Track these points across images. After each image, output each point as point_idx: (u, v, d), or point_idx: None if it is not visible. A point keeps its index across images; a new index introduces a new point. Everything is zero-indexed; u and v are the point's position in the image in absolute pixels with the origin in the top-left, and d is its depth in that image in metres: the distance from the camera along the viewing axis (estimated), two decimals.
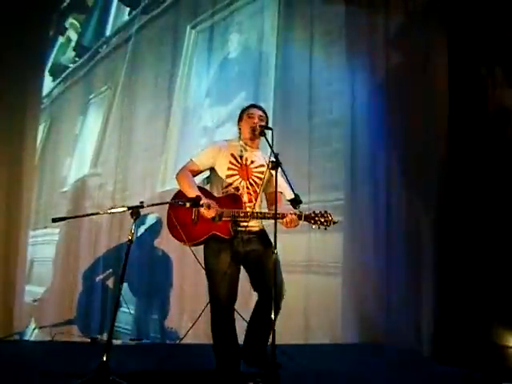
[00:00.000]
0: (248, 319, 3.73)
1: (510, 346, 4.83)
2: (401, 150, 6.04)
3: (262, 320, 3.47)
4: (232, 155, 3.76)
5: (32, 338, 5.55)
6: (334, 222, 3.53)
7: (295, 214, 3.48)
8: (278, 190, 3.41)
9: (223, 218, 3.55)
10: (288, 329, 4.70)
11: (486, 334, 4.96)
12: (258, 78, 6.32)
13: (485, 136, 5.40)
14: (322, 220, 3.49)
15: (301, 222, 3.52)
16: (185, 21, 6.46)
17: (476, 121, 5.50)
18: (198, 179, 3.86)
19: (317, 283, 5.92)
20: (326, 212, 3.53)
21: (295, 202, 3.38)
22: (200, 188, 3.71)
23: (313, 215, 3.52)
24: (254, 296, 3.68)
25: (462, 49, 5.72)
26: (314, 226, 3.50)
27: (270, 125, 3.81)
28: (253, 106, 3.98)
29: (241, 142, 3.85)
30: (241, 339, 3.70)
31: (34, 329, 5.60)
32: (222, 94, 6.34)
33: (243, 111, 3.94)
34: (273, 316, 3.04)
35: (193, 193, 3.57)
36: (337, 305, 5.90)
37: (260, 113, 3.88)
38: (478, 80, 5.60)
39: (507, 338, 4.88)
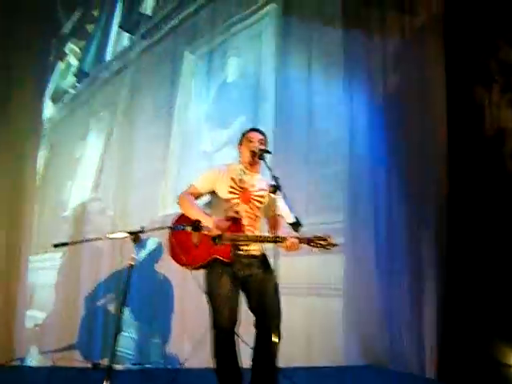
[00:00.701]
0: (249, 343, 3.72)
1: None
2: (400, 169, 6.05)
3: (265, 348, 3.44)
4: (232, 179, 3.76)
5: (33, 364, 5.52)
6: (335, 245, 3.49)
7: (296, 238, 3.48)
8: (279, 213, 3.43)
9: (224, 242, 3.57)
10: (290, 352, 4.69)
11: (491, 353, 4.94)
12: (257, 102, 6.37)
13: (482, 153, 5.43)
14: (323, 243, 3.47)
15: (301, 245, 3.51)
16: (183, 46, 6.53)
17: (474, 138, 5.53)
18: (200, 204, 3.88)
19: (318, 305, 5.91)
20: (326, 235, 3.51)
21: (296, 225, 3.38)
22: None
23: (313, 238, 3.49)
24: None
25: (459, 68, 5.76)
26: (314, 250, 3.49)
27: (270, 148, 3.84)
28: (253, 129, 4.00)
29: (241, 166, 3.86)
30: (243, 362, 3.69)
31: (36, 354, 5.58)
32: (221, 118, 6.38)
33: (243, 135, 3.96)
34: (275, 339, 3.02)
35: (194, 214, 3.59)
36: (339, 327, 5.88)
37: (260, 136, 3.89)
38: (476, 99, 5.64)
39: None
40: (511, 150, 5.27)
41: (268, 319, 3.40)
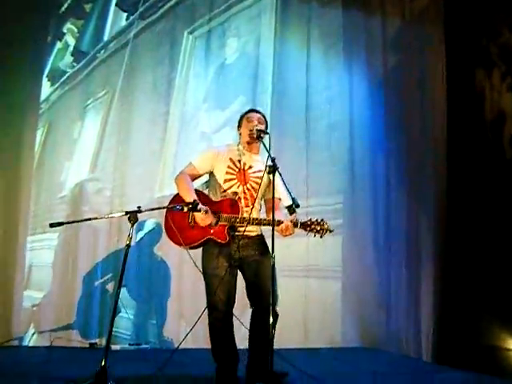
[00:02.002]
0: (246, 324, 3.73)
1: (510, 348, 4.84)
2: (399, 152, 6.06)
3: (261, 329, 3.44)
4: (231, 160, 3.77)
5: (31, 344, 5.52)
6: (330, 231, 3.48)
7: (291, 221, 3.46)
8: (277, 196, 3.42)
9: (220, 223, 3.56)
10: (287, 333, 4.70)
11: (487, 336, 4.96)
12: (255, 83, 6.35)
13: (482, 138, 5.42)
14: (318, 228, 3.45)
15: (296, 229, 3.49)
16: (182, 26, 6.47)
17: (474, 122, 5.52)
18: (197, 184, 3.87)
19: (316, 287, 5.94)
20: (322, 220, 3.49)
21: (292, 208, 3.36)
22: (198, 192, 3.72)
23: (309, 223, 3.48)
24: None
25: (460, 52, 5.74)
26: (309, 234, 3.48)
27: (268, 130, 3.82)
28: (252, 110, 4.02)
29: (240, 147, 3.87)
30: (239, 343, 3.70)
31: (33, 334, 5.58)
32: (219, 98, 6.36)
33: (242, 116, 3.97)
34: (271, 319, 3.02)
35: (190, 196, 3.58)
36: (336, 308, 5.92)
37: (259, 115, 3.91)
38: (476, 83, 5.62)
39: (508, 341, 4.88)
40: (511, 135, 5.26)
41: (263, 300, 3.42)
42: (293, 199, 3.29)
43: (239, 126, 3.96)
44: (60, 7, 6.55)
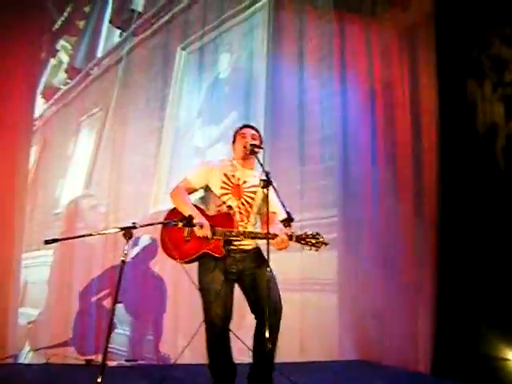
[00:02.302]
0: (243, 338, 3.73)
1: (508, 358, 4.84)
2: (392, 165, 6.08)
3: (262, 341, 3.41)
4: (225, 175, 3.77)
5: (27, 361, 5.49)
6: (325, 244, 3.46)
7: (286, 235, 3.45)
8: (271, 209, 3.43)
9: (215, 237, 3.57)
10: (284, 347, 4.70)
11: (484, 347, 4.96)
12: (248, 98, 6.38)
13: (475, 149, 5.44)
14: (313, 241, 3.44)
15: (292, 242, 3.49)
16: (175, 42, 6.52)
17: (466, 133, 5.54)
18: (192, 199, 3.88)
19: (312, 300, 5.93)
20: (317, 233, 3.47)
21: (287, 222, 3.37)
22: (194, 206, 3.73)
23: (303, 236, 3.47)
24: (249, 314, 3.66)
25: (451, 63, 5.77)
26: (305, 248, 3.46)
27: (262, 144, 3.84)
28: (245, 126, 4.02)
29: (234, 162, 3.88)
30: (236, 358, 3.70)
31: (29, 351, 5.56)
32: (213, 113, 6.39)
33: (236, 132, 3.98)
34: (267, 335, 3.02)
35: (187, 210, 3.60)
36: (333, 322, 5.92)
37: (252, 132, 3.91)
38: (468, 94, 5.65)
39: (505, 351, 4.88)
40: (503, 145, 5.29)
41: (262, 314, 3.37)
42: (287, 213, 3.29)
43: (233, 142, 3.97)
44: (53, 24, 6.59)
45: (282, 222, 3.40)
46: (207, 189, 3.82)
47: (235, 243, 3.63)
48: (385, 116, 6.25)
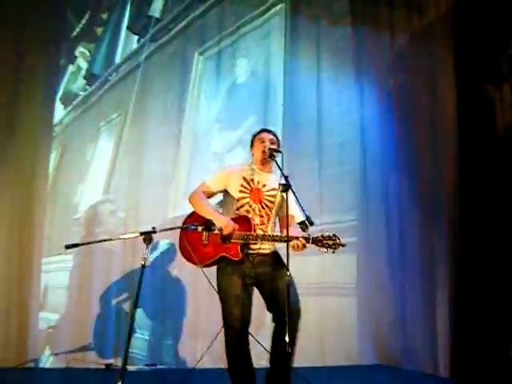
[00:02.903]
0: (262, 342, 3.72)
1: None
2: (411, 168, 6.05)
3: (281, 345, 3.39)
4: (244, 178, 3.78)
5: (47, 366, 5.54)
6: (342, 245, 3.41)
7: (303, 237, 3.42)
8: (290, 213, 3.42)
9: (232, 240, 3.57)
10: (303, 351, 4.69)
11: (504, 351, 4.91)
12: (266, 102, 6.39)
13: (494, 152, 5.40)
14: (330, 243, 3.38)
15: (308, 245, 3.44)
16: (193, 47, 6.55)
17: (485, 136, 5.50)
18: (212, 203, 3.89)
19: (331, 305, 5.91)
20: (334, 235, 3.41)
21: (304, 224, 3.37)
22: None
23: (320, 238, 3.41)
24: (269, 318, 3.65)
25: (469, 66, 5.74)
26: (321, 250, 3.40)
27: (280, 148, 3.84)
28: (263, 130, 4.02)
29: (253, 166, 3.87)
30: (255, 362, 3.69)
31: (49, 356, 5.60)
32: (231, 118, 6.42)
33: (254, 136, 3.98)
34: (287, 338, 3.01)
35: (209, 213, 3.64)
36: (352, 326, 5.89)
37: (271, 136, 3.91)
38: (486, 97, 5.61)
39: None
40: None
41: (281, 317, 3.35)
42: (307, 217, 3.29)
43: (252, 147, 3.97)
44: (72, 31, 6.66)
45: (299, 224, 3.40)
46: (226, 192, 3.83)
47: (253, 247, 3.62)
48: (403, 120, 6.22)
